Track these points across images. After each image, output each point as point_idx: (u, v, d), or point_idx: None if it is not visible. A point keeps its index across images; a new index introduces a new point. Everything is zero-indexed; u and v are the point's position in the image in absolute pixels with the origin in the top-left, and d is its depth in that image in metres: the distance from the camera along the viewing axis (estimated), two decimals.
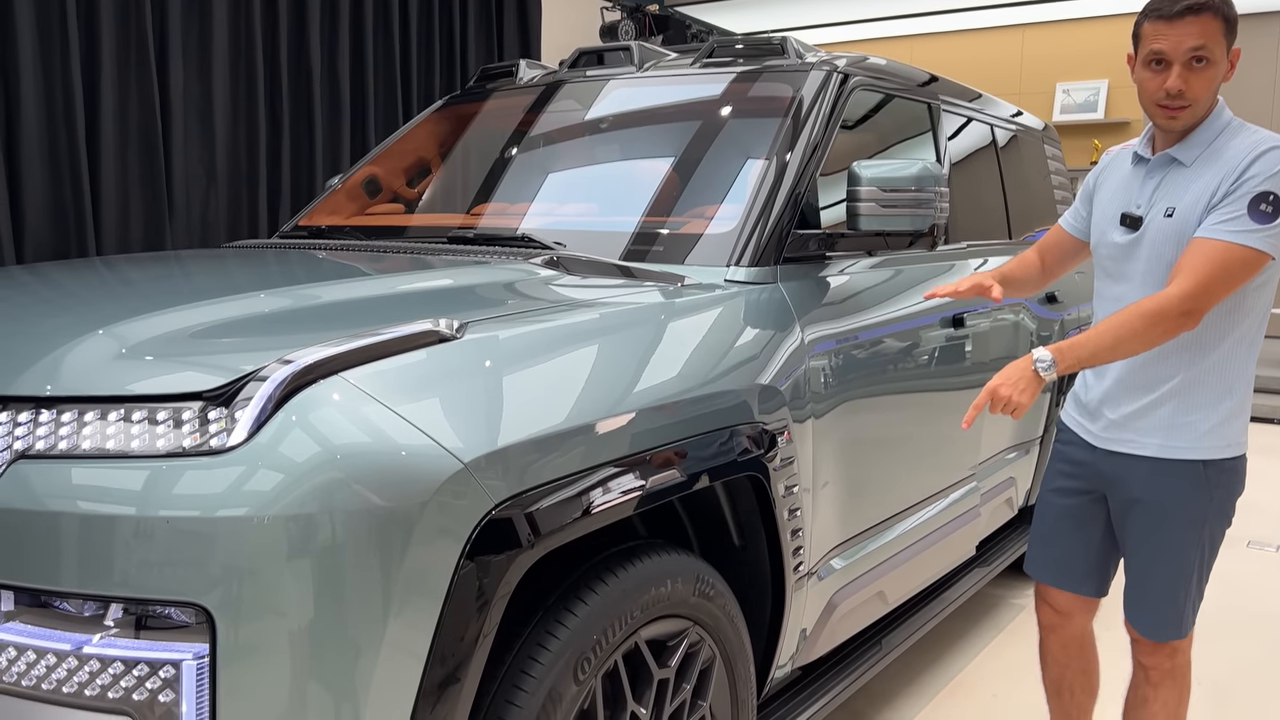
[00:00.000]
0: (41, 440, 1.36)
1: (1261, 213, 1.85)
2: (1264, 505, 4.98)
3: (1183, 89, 1.91)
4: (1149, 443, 2.05)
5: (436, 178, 3.13)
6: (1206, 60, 1.90)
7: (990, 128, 3.59)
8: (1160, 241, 1.97)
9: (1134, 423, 2.06)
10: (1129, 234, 2.03)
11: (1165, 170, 2.01)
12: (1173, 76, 1.91)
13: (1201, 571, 2.11)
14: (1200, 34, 1.89)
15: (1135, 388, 2.06)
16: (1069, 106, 9.46)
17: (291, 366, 1.37)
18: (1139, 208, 2.03)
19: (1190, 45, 1.89)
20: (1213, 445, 2.02)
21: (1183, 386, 2.01)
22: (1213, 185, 1.92)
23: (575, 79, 2.98)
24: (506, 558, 1.46)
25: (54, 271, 2.31)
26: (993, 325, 3.11)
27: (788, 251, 2.31)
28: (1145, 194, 2.03)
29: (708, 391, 1.89)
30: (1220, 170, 1.93)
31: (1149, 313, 1.88)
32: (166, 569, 1.29)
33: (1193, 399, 2.01)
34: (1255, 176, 1.87)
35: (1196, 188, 1.94)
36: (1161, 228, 1.97)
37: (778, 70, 2.67)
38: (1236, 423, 2.04)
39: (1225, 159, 1.93)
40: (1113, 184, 2.14)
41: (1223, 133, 1.97)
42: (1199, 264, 1.86)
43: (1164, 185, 2.00)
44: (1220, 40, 1.91)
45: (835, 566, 2.36)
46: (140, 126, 4.42)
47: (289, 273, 2.23)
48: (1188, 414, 2.01)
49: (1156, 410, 2.03)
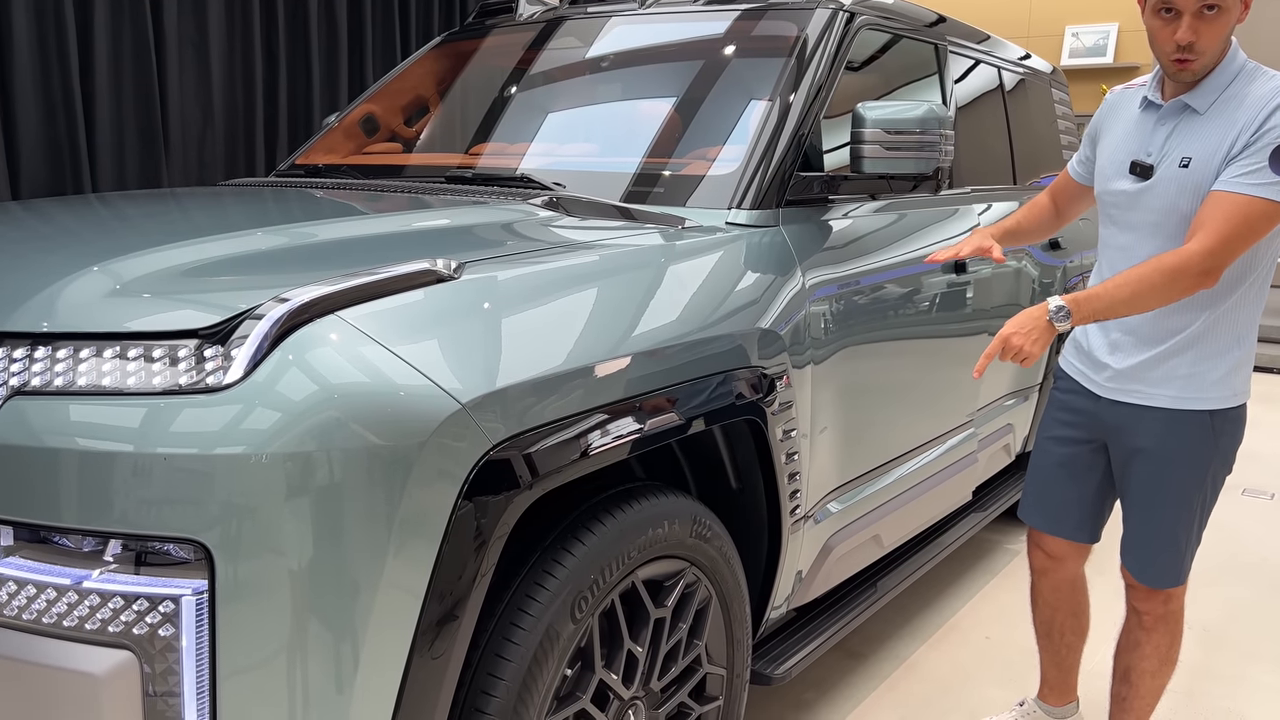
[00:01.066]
0: (38, 377, 1.35)
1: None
2: (1261, 454, 5.01)
3: (1194, 40, 1.85)
4: (1158, 393, 2.03)
5: (434, 116, 3.09)
6: (1218, 7, 1.84)
7: (997, 70, 3.54)
8: (1175, 192, 1.92)
9: (1143, 374, 2.05)
10: (1138, 182, 1.98)
11: (1178, 118, 1.96)
12: (1183, 28, 1.84)
13: (1202, 519, 2.12)
14: None
15: (1145, 339, 2.04)
16: (1078, 50, 9.31)
17: (288, 304, 1.36)
18: (1149, 156, 1.97)
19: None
20: (1220, 395, 2.01)
21: (1194, 338, 1.99)
22: (1231, 135, 1.87)
23: (576, 15, 2.93)
24: (504, 498, 1.46)
25: (50, 208, 2.28)
26: (994, 272, 3.09)
27: (790, 194, 2.29)
28: (1157, 142, 1.97)
29: (707, 335, 1.88)
30: (1238, 118, 1.87)
31: (1170, 269, 1.83)
32: (165, 506, 1.29)
33: (1203, 349, 1.99)
34: (1276, 127, 1.82)
35: (1214, 137, 1.89)
36: (1176, 178, 1.92)
37: (782, 8, 2.62)
38: (1243, 371, 2.03)
39: (1243, 107, 1.88)
40: (1119, 129, 2.08)
41: (1238, 77, 1.91)
42: (1220, 219, 1.82)
43: (1177, 133, 1.95)
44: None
45: (832, 510, 2.38)
46: (135, 63, 4.35)
47: (286, 211, 2.21)
48: (1197, 364, 2.00)
49: (1167, 361, 2.02)
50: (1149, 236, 1.99)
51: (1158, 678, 2.25)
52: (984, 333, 3.06)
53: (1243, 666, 2.99)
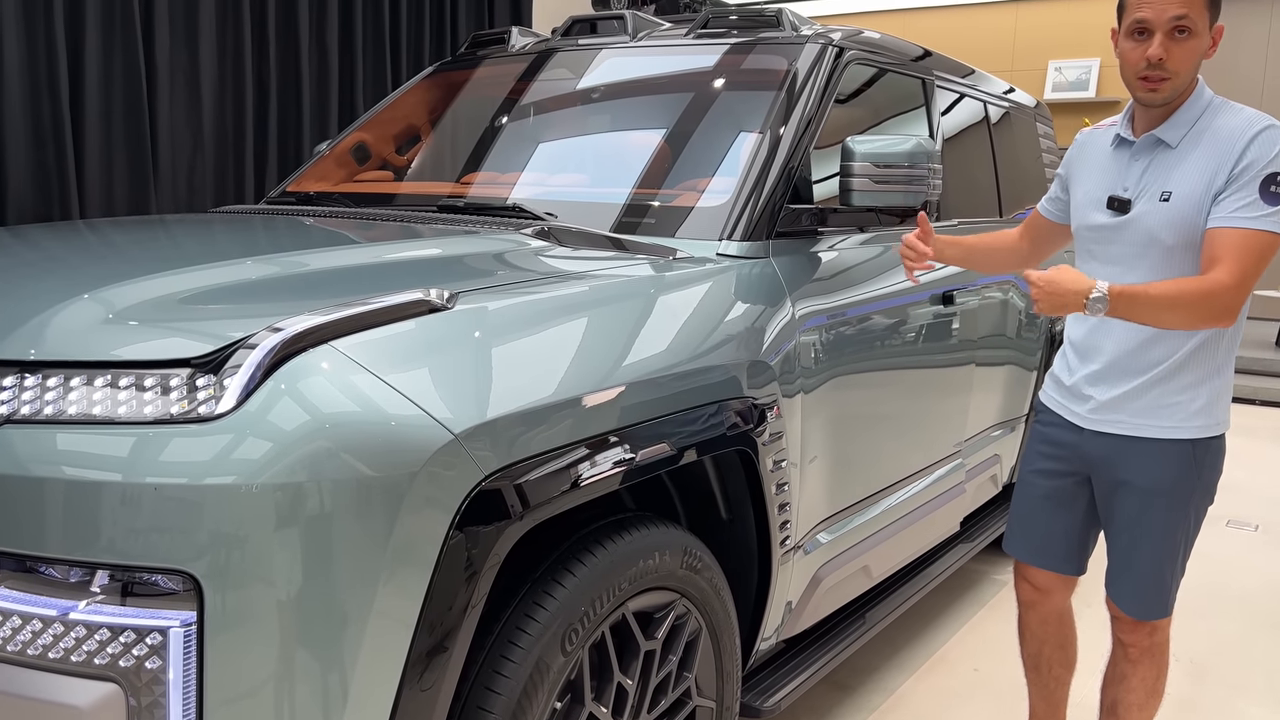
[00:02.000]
0: (27, 405, 1.34)
1: (1273, 194, 1.85)
2: (1244, 485, 5.04)
3: (1164, 58, 1.90)
4: (1139, 423, 2.06)
5: (426, 145, 3.10)
6: (1189, 31, 1.89)
7: (983, 104, 3.58)
8: (1156, 226, 1.96)
9: (1125, 404, 2.07)
10: (1117, 216, 2.02)
11: (1152, 153, 2.00)
12: (1154, 45, 1.90)
13: (1186, 549, 2.13)
14: (1184, 3, 1.88)
15: (1127, 370, 2.06)
16: (1061, 84, 9.45)
17: (281, 334, 1.36)
18: (1126, 190, 2.01)
19: (1173, 14, 1.89)
20: (1202, 425, 2.03)
21: (1174, 368, 2.02)
22: (1209, 169, 1.91)
23: (568, 47, 2.95)
24: (495, 529, 1.45)
25: (38, 234, 2.28)
26: (981, 303, 3.11)
27: (780, 226, 2.31)
28: (1133, 177, 2.01)
29: (698, 365, 1.89)
30: (1213, 152, 1.92)
31: (1203, 291, 1.85)
32: (154, 536, 1.28)
33: (1182, 379, 2.02)
34: (1258, 160, 1.87)
35: (1192, 171, 1.93)
36: (1157, 211, 1.96)
37: (772, 43, 2.65)
38: (1222, 402, 2.06)
39: (1216, 140, 1.92)
40: (1093, 166, 2.12)
41: (1205, 112, 1.97)
42: (1232, 254, 1.85)
43: (1153, 168, 1.99)
44: (1203, 12, 1.90)
45: (821, 541, 2.38)
46: (125, 90, 4.36)
47: (277, 239, 2.21)
48: (1178, 394, 2.02)
49: (1148, 391, 2.04)
50: (1130, 269, 2.02)
51: (1145, 710, 2.25)
52: (970, 363, 3.08)
53: (1230, 699, 2.99)
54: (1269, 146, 1.87)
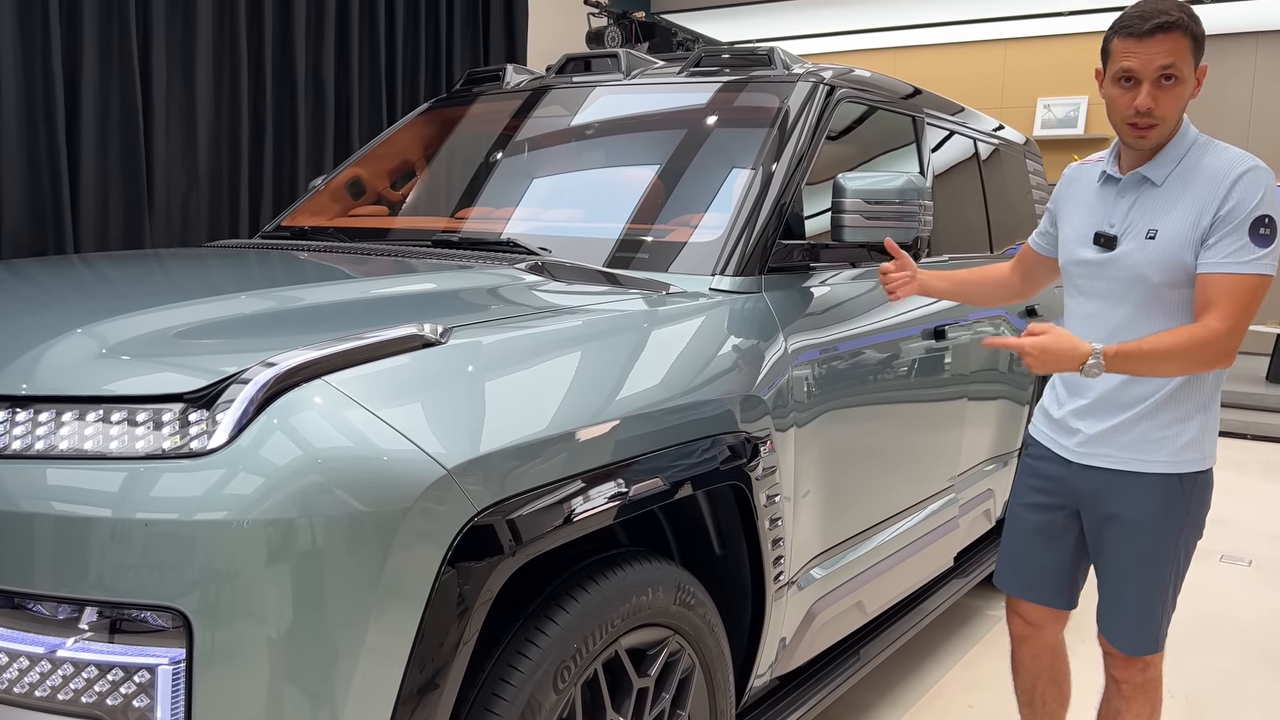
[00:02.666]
0: (18, 440, 1.34)
1: (1262, 236, 1.87)
2: (1236, 519, 5.04)
3: (1152, 107, 1.91)
4: (1126, 457, 2.07)
5: (421, 180, 3.12)
6: (1176, 78, 1.91)
7: (973, 141, 3.62)
8: (1142, 263, 1.98)
9: (1112, 438, 2.08)
10: (1103, 252, 2.03)
11: (1138, 190, 2.02)
12: (1142, 94, 1.91)
13: (1176, 584, 2.12)
14: (1170, 52, 1.89)
15: (1115, 404, 2.07)
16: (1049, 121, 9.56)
17: (275, 369, 1.36)
18: (1113, 227, 2.03)
19: (1160, 64, 1.90)
20: (1189, 459, 2.04)
21: (1160, 403, 2.03)
22: (1195, 208, 1.93)
23: (562, 85, 2.98)
24: (488, 565, 1.45)
25: (32, 269, 2.28)
26: (973, 337, 3.13)
27: (772, 261, 2.32)
28: (1119, 213, 2.03)
29: (691, 400, 1.89)
30: (1199, 191, 1.93)
31: (1199, 340, 1.88)
32: (143, 572, 1.27)
33: (1170, 414, 2.03)
34: (1244, 202, 1.88)
35: (1177, 210, 1.95)
36: (1143, 249, 1.98)
37: (764, 81, 2.68)
38: (1209, 436, 2.07)
39: (1202, 179, 1.94)
40: (1081, 201, 2.14)
41: (1191, 150, 1.98)
42: (1227, 298, 1.87)
43: (1139, 205, 2.01)
44: (1189, 58, 1.91)
45: (815, 576, 2.37)
46: (121, 124, 4.39)
47: (271, 274, 2.21)
48: (1166, 428, 2.03)
49: (1135, 426, 2.05)
50: (1116, 305, 2.04)
51: None
52: (963, 397, 3.08)
53: None
54: (1254, 188, 1.89)
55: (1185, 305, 1.97)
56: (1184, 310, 1.97)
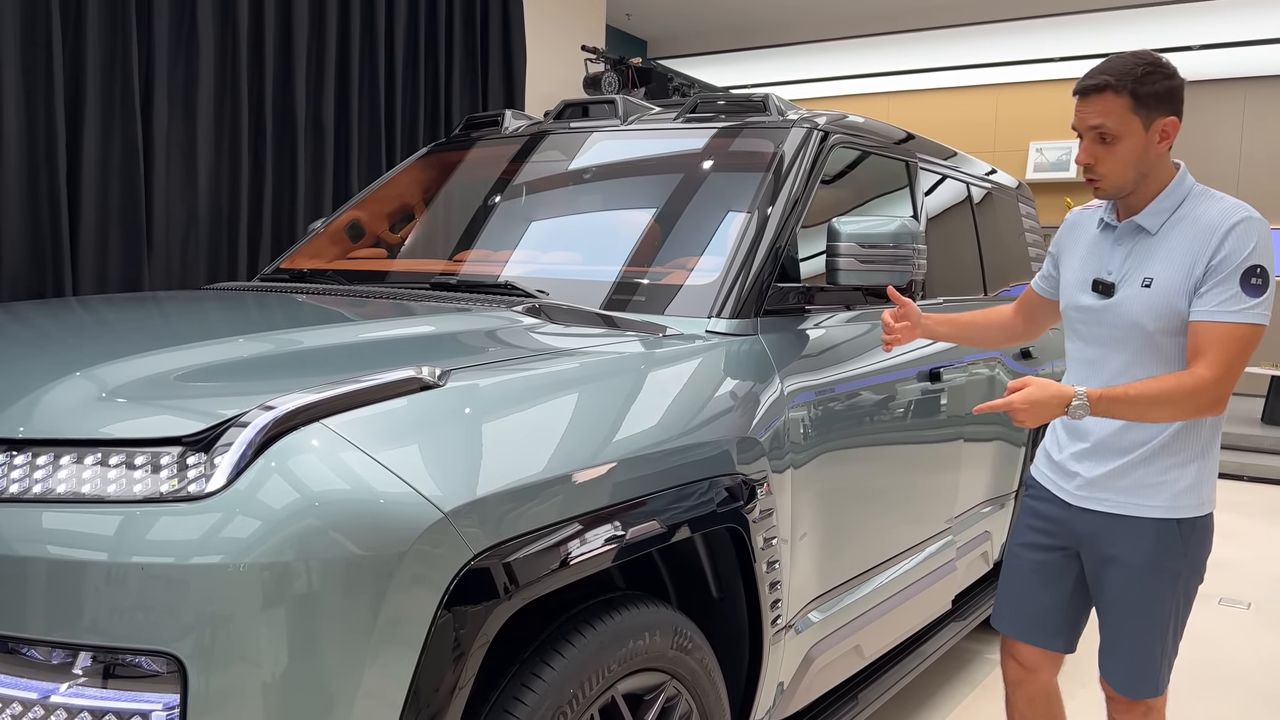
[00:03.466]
0: (15, 484, 1.34)
1: (1254, 286, 1.89)
2: (1235, 562, 5.02)
3: (1090, 162, 1.97)
4: (1127, 502, 2.07)
5: (420, 223, 3.15)
6: (1112, 136, 1.95)
7: (966, 185, 3.66)
8: (1138, 310, 2.00)
9: (1111, 482, 2.09)
10: (1101, 299, 2.06)
11: (1134, 238, 2.05)
12: (1081, 150, 1.99)
13: (1177, 628, 2.12)
14: (1100, 112, 1.94)
15: (1113, 448, 2.08)
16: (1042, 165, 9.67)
17: (274, 412, 1.36)
18: (1110, 274, 2.06)
19: (1091, 122, 1.96)
20: (1188, 504, 2.05)
21: (1159, 448, 2.04)
22: (1189, 257, 1.95)
23: (560, 130, 3.02)
24: (484, 608, 1.44)
25: (30, 312, 2.29)
26: (969, 379, 3.14)
27: (768, 304, 2.34)
28: (1116, 261, 2.06)
29: (688, 442, 1.90)
30: (1192, 240, 1.96)
31: (1187, 388, 1.90)
32: (138, 616, 1.27)
33: (1169, 459, 2.04)
34: (1236, 252, 1.91)
35: (1170, 258, 1.98)
36: (1139, 297, 2.00)
37: (759, 126, 2.72)
38: (1209, 481, 2.08)
39: (1195, 229, 1.96)
40: (1080, 247, 2.18)
41: (1186, 199, 2.01)
42: (1218, 347, 1.90)
43: (1135, 253, 2.03)
44: (1127, 117, 1.94)
45: (813, 619, 2.35)
46: (122, 166, 4.42)
47: (270, 317, 2.22)
48: (1164, 474, 2.05)
49: (1134, 470, 2.06)
50: (1115, 351, 2.06)
51: None
52: (959, 439, 3.09)
53: None
54: (1246, 239, 1.91)
55: (1181, 353, 1.99)
56: (1180, 358, 1.99)
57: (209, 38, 4.75)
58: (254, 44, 5.00)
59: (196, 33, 4.71)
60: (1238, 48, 9.26)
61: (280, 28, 5.12)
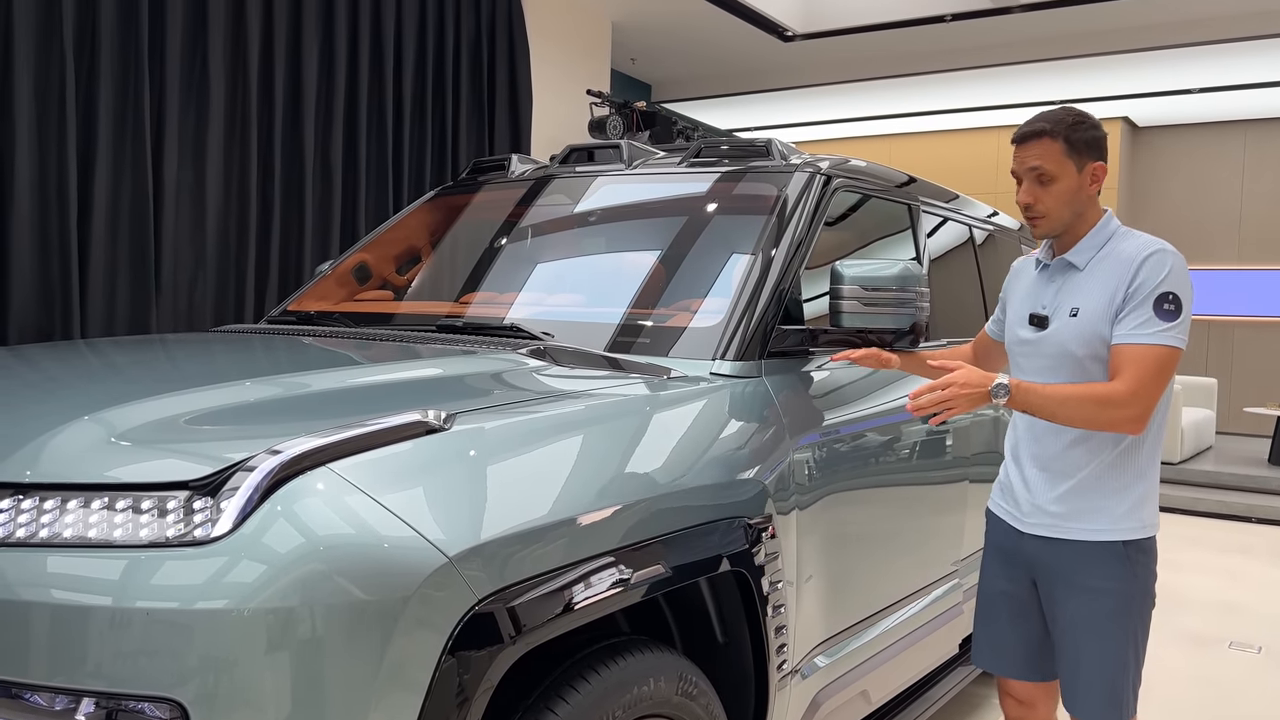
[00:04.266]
0: (22, 528, 1.34)
1: (1166, 311, 2.04)
2: (1244, 606, 4.97)
3: (1030, 202, 2.16)
4: (1071, 526, 2.17)
5: (426, 266, 3.17)
6: (1049, 177, 2.13)
7: (968, 227, 3.69)
8: (1067, 339, 2.14)
9: (1055, 507, 2.19)
10: (1037, 331, 2.22)
11: (1064, 274, 2.21)
12: (1021, 191, 2.18)
13: (1137, 653, 2.18)
14: (1038, 156, 2.13)
15: (1055, 474, 2.19)
16: None
17: (280, 457, 1.37)
18: (1044, 308, 2.22)
19: (1030, 165, 2.15)
20: (1130, 526, 2.15)
21: (1097, 472, 2.15)
22: (1110, 287, 2.10)
23: (565, 174, 3.05)
24: (489, 653, 1.44)
25: (38, 355, 2.31)
26: (973, 420, 3.14)
27: (772, 346, 2.35)
28: (1049, 295, 2.22)
29: (693, 485, 1.90)
30: (1113, 272, 2.11)
31: (1099, 396, 2.03)
32: (142, 660, 1.26)
33: (1107, 484, 2.15)
34: (1149, 280, 2.05)
35: (1095, 289, 2.13)
36: (1067, 325, 2.15)
37: (763, 171, 2.74)
38: (1149, 505, 2.19)
39: (1117, 262, 2.12)
40: (1021, 288, 2.35)
41: (1111, 239, 2.17)
42: (1133, 366, 2.04)
43: (1065, 288, 2.19)
44: (1062, 160, 2.13)
45: (819, 664, 2.34)
46: (132, 209, 4.47)
47: (277, 360, 2.24)
48: (1104, 498, 2.15)
49: (1077, 494, 2.17)
50: (1049, 377, 2.18)
51: None
52: (964, 480, 3.08)
53: None
54: (1159, 268, 2.06)
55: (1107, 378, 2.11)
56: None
57: (219, 82, 4.82)
58: (263, 89, 5.08)
59: (208, 78, 4.78)
60: (1238, 90, 9.35)
61: (290, 73, 5.20)
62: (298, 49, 5.21)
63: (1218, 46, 7.90)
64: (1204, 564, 5.89)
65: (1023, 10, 7.34)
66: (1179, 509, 7.55)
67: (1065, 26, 7.84)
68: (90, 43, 4.32)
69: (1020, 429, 2.27)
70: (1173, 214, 11.00)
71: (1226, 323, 10.86)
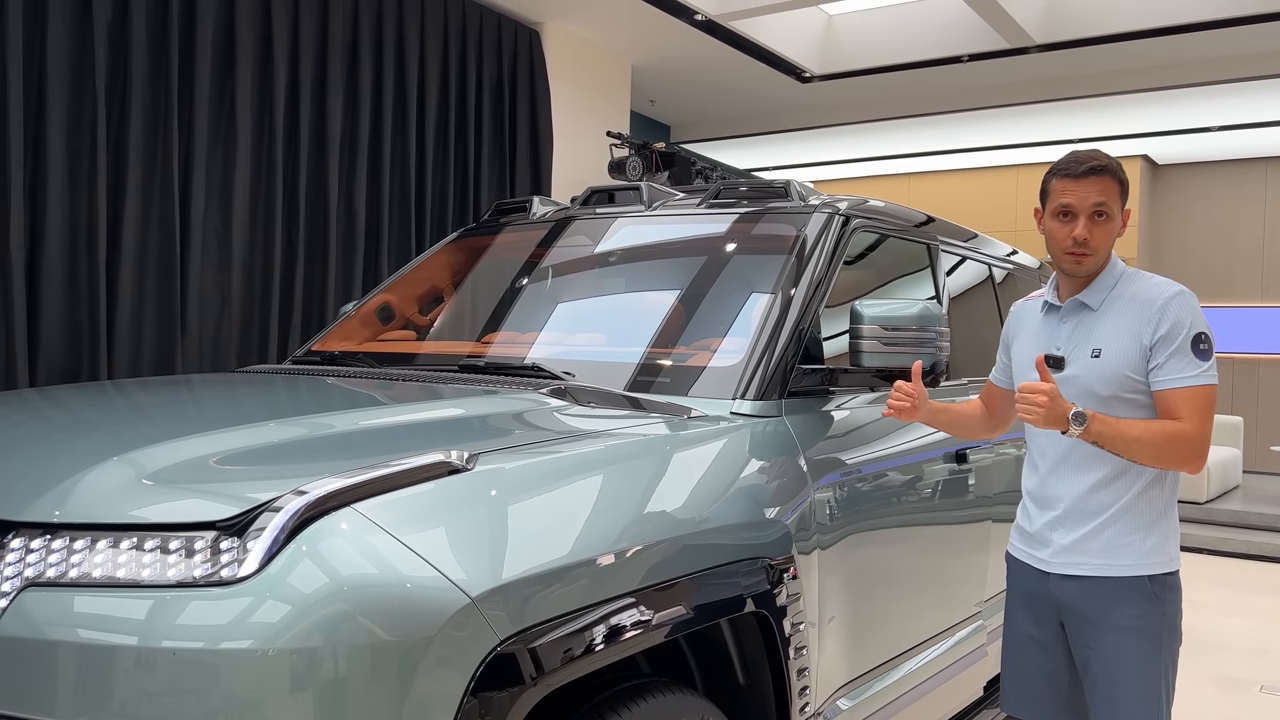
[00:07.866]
0: (52, 568, 1.36)
1: (1203, 351, 2.10)
2: (1275, 648, 4.87)
3: (1087, 238, 2.15)
4: (1099, 563, 2.17)
5: (449, 306, 3.20)
6: (1106, 215, 2.16)
7: (988, 266, 3.69)
8: (1091, 380, 2.15)
9: (1083, 545, 2.18)
10: (1054, 373, 2.20)
11: (1078, 315, 2.22)
12: (1079, 226, 2.15)
13: (1168, 693, 2.15)
14: (1102, 191, 2.14)
15: (1082, 514, 2.19)
16: None
17: (306, 497, 1.38)
18: (1059, 349, 2.22)
19: (1094, 200, 2.14)
20: (1156, 561, 2.15)
21: (1123, 510, 2.16)
22: (1133, 327, 2.13)
23: (586, 215, 3.09)
24: (510, 695, 1.44)
25: (67, 396, 2.34)
26: (995, 459, 3.12)
27: (792, 385, 2.35)
28: (1063, 336, 2.23)
29: (714, 525, 1.90)
30: (1134, 312, 2.13)
31: (1171, 433, 2.06)
32: (166, 700, 1.27)
33: (1133, 521, 2.16)
34: (1180, 323, 2.10)
35: (1117, 331, 2.15)
36: (1090, 367, 2.16)
37: (781, 212, 2.76)
38: (1172, 540, 2.20)
39: (1135, 302, 2.15)
40: (1028, 331, 2.34)
41: (1120, 279, 2.21)
42: (1191, 410, 2.07)
43: (1080, 328, 2.21)
44: (1117, 198, 2.16)
45: (841, 707, 2.31)
46: (159, 251, 4.55)
47: (300, 401, 2.26)
48: (1131, 534, 2.16)
49: (1103, 532, 2.16)
50: None
51: None
52: (988, 519, 3.06)
53: None
54: (1185, 311, 2.11)
55: (1131, 417, 2.11)
56: None
57: (246, 125, 4.92)
58: (289, 132, 5.17)
59: (235, 121, 4.88)
60: (1258, 128, 9.34)
61: (315, 115, 5.30)
62: (323, 93, 5.31)
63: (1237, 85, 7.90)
64: (1233, 605, 5.79)
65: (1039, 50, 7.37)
66: (1206, 549, 7.44)
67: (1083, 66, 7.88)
68: (121, 87, 4.43)
69: (1044, 470, 2.25)
70: (1194, 252, 10.95)
71: (1251, 360, 10.76)
